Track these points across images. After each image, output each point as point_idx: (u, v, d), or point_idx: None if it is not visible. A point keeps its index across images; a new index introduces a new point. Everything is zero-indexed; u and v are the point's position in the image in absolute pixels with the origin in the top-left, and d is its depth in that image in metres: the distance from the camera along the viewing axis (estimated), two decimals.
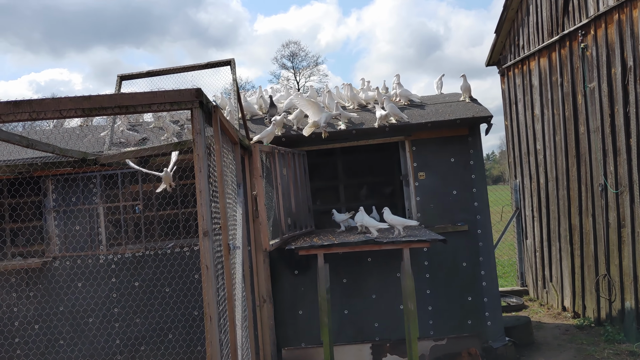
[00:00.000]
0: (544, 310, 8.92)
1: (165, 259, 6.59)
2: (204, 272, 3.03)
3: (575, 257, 8.31)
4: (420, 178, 6.84)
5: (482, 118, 6.75)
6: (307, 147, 7.04)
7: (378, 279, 6.74)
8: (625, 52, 6.87)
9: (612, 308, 7.41)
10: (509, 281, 11.40)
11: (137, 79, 6.32)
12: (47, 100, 2.92)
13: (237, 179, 4.67)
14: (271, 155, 6.10)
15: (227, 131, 4.01)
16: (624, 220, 7.03)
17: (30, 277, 6.56)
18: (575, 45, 7.98)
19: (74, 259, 6.63)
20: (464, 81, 7.36)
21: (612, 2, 7.00)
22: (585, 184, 7.92)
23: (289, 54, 50.40)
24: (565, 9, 8.14)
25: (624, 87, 6.92)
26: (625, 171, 6.95)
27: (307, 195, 7.16)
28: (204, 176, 3.11)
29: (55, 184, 6.69)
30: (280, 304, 6.68)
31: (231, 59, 6.45)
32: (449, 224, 6.77)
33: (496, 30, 10.07)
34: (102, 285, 6.65)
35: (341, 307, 6.70)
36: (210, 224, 3.16)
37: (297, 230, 6.53)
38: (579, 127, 8.03)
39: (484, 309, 6.70)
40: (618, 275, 7.23)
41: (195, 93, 3.09)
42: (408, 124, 6.76)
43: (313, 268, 6.28)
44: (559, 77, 8.43)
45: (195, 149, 3.10)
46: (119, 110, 3.02)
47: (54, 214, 6.66)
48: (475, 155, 6.87)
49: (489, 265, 6.78)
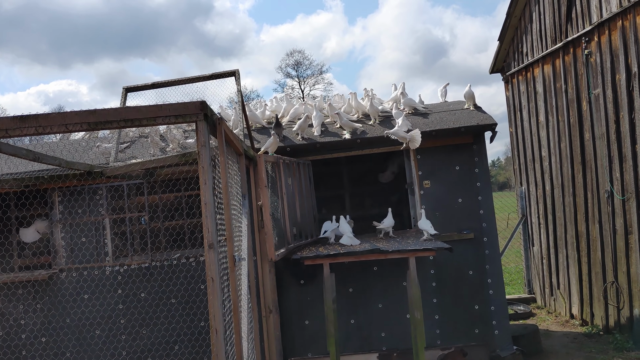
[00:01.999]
0: (551, 318, 8.86)
1: (171, 270, 6.60)
2: (210, 284, 3.03)
3: (582, 264, 8.25)
4: (425, 186, 6.82)
5: (487, 126, 6.74)
6: (312, 157, 7.05)
7: (384, 288, 6.71)
8: (629, 58, 6.86)
9: (621, 315, 7.34)
10: (516, 289, 11.33)
11: (143, 90, 6.36)
12: (53, 115, 2.95)
13: (242, 189, 4.68)
14: (276, 166, 6.12)
15: (231, 143, 4.03)
16: (631, 226, 6.99)
17: (37, 290, 6.57)
18: (579, 52, 7.97)
19: (80, 271, 6.65)
20: (468, 89, 7.37)
21: (615, 8, 7.00)
22: (592, 191, 7.89)
23: (294, 62, 50.69)
24: (568, 16, 8.15)
25: (628, 93, 6.90)
26: (631, 177, 6.91)
27: (313, 205, 7.16)
28: (209, 188, 3.12)
29: (61, 196, 6.72)
30: (287, 314, 6.66)
31: (235, 69, 6.48)
32: (455, 232, 6.75)
33: (499, 37, 10.08)
34: (109, 297, 6.65)
35: (348, 316, 6.68)
36: (216, 236, 3.16)
37: (302, 239, 6.53)
38: (584, 133, 8.01)
39: (491, 317, 6.66)
40: (626, 282, 7.17)
41: (200, 106, 3.11)
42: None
43: (319, 278, 6.27)
44: (563, 84, 8.42)
45: (200, 161, 3.11)
46: (125, 124, 3.04)
47: (61, 226, 6.68)
48: (480, 163, 6.86)
49: (496, 273, 6.74)
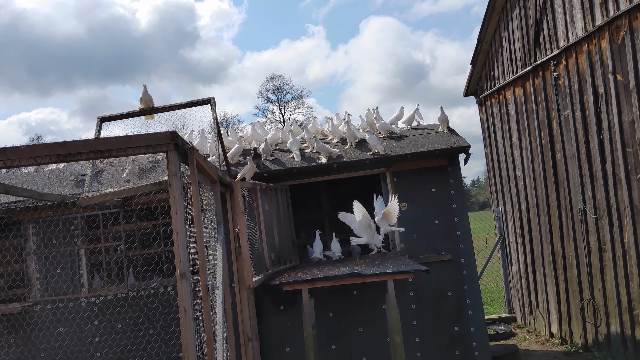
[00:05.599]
0: (532, 338, 8.90)
1: (149, 300, 6.52)
2: (182, 314, 3.02)
3: (559, 282, 8.34)
4: (402, 209, 6.88)
5: (461, 148, 6.86)
6: (289, 182, 7.09)
7: (364, 311, 6.71)
8: (596, 80, 7.07)
9: (599, 333, 7.42)
10: (496, 308, 11.38)
11: (118, 120, 6.36)
12: (22, 148, 2.94)
13: (217, 217, 4.68)
14: (253, 192, 6.13)
15: (204, 171, 4.04)
16: (605, 244, 7.12)
17: (11, 324, 6.43)
18: (548, 75, 8.19)
19: (55, 303, 6.53)
20: (442, 113, 7.52)
21: (581, 33, 7.23)
22: (565, 210, 8.03)
23: (274, 87, 51.05)
24: (536, 40, 8.39)
25: (596, 114, 7.09)
26: (602, 196, 7.06)
27: (291, 230, 7.17)
28: (181, 218, 3.12)
29: (35, 226, 6.63)
30: (267, 341, 6.60)
31: (211, 97, 6.51)
32: (433, 253, 6.80)
33: (472, 62, 10.31)
34: (85, 329, 6.53)
35: (328, 342, 6.65)
36: (188, 265, 3.16)
37: (281, 265, 6.51)
38: (555, 154, 8.18)
39: (471, 338, 6.68)
40: (602, 299, 7.27)
41: (170, 136, 3.13)
42: (388, 156, 6.85)
43: (299, 303, 6.25)
44: (534, 106, 8.62)
45: (171, 191, 3.13)
46: (94, 155, 3.05)
47: (35, 257, 6.58)
48: (456, 185, 6.96)
49: (474, 293, 6.79)
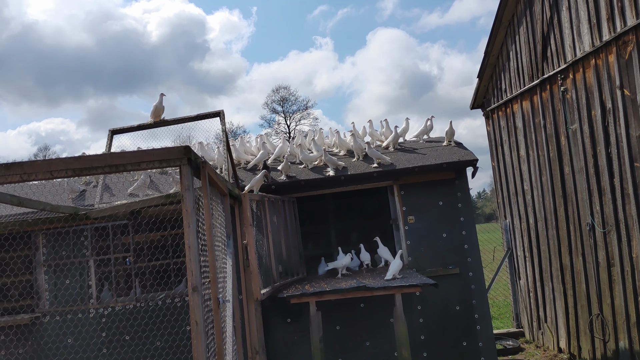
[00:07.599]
0: (540, 353, 8.84)
1: (156, 311, 6.54)
2: (194, 327, 3.04)
3: (568, 297, 8.30)
4: (409, 222, 6.90)
5: (468, 162, 6.88)
6: (297, 194, 7.12)
7: (371, 325, 6.70)
8: (603, 95, 7.09)
9: (607, 348, 7.37)
10: (504, 322, 11.31)
11: (128, 132, 6.43)
12: (38, 162, 3.00)
13: (227, 230, 4.71)
14: (261, 204, 6.17)
15: (215, 184, 4.08)
16: (613, 259, 7.09)
17: (20, 335, 6.47)
18: (555, 89, 8.22)
19: (64, 314, 6.57)
20: (450, 127, 7.55)
21: (588, 47, 7.26)
22: (574, 224, 8.01)
23: (279, 98, 51.27)
24: (544, 54, 8.43)
25: (604, 128, 7.10)
26: (611, 210, 7.05)
27: (298, 242, 7.19)
28: (193, 231, 3.15)
29: (46, 238, 6.68)
30: (273, 354, 6.60)
31: (220, 110, 6.58)
32: (440, 267, 6.80)
33: (479, 75, 10.35)
34: (93, 341, 6.55)
35: (335, 355, 6.63)
36: (200, 279, 3.19)
37: (288, 277, 6.53)
38: (563, 167, 8.18)
39: (480, 354, 6.65)
40: (611, 314, 7.22)
41: (184, 150, 3.18)
42: (395, 169, 6.88)
43: (306, 316, 6.25)
44: (542, 119, 8.64)
45: (184, 204, 3.16)
46: (109, 169, 3.10)
47: (45, 268, 6.63)
48: (463, 198, 6.97)
49: (483, 308, 6.77)
